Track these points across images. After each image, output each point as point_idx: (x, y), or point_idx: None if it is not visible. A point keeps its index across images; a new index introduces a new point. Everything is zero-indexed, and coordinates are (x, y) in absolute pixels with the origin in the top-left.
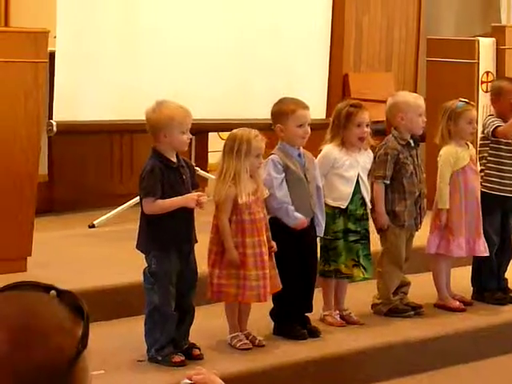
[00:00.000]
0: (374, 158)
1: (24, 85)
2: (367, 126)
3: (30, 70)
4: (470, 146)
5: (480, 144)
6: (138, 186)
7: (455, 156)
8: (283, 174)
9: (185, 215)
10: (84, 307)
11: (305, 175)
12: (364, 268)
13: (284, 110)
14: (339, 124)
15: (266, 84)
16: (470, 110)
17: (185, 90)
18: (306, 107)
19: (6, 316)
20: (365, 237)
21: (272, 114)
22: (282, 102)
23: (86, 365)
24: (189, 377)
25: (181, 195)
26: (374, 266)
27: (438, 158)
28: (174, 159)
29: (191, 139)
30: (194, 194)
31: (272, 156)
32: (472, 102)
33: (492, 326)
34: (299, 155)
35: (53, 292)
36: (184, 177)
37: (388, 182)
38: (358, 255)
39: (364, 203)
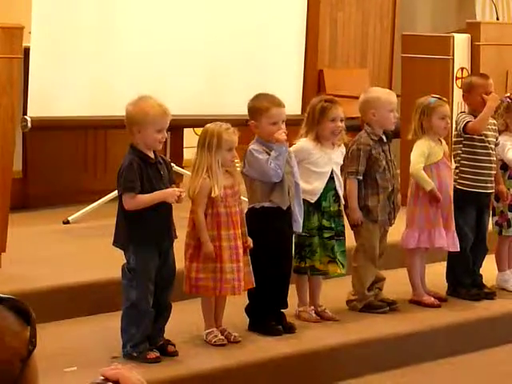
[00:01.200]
0: (347, 153)
1: None
2: (341, 121)
3: (4, 65)
4: (443, 142)
5: (454, 141)
6: (117, 182)
7: (429, 149)
8: (267, 156)
9: (164, 211)
10: (29, 310)
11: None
12: (341, 264)
13: (258, 108)
14: (313, 119)
15: (241, 80)
16: (443, 106)
17: (159, 86)
18: (280, 105)
19: None
20: (340, 233)
21: (248, 110)
22: (257, 98)
23: (36, 364)
24: (103, 373)
25: (158, 191)
26: (349, 262)
27: (412, 152)
28: (152, 155)
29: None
30: (173, 189)
31: (252, 146)
32: (444, 98)
33: (467, 322)
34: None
35: None
36: (162, 173)
37: (361, 177)
38: (334, 251)
39: (337, 200)
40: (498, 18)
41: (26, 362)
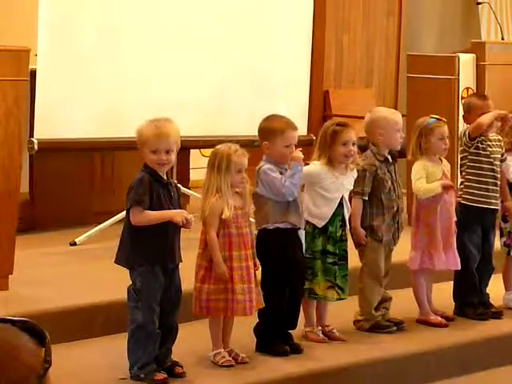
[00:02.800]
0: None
1: (5, 103)
2: (353, 144)
3: (11, 87)
4: (444, 161)
5: (460, 157)
6: (126, 197)
7: (426, 170)
8: (279, 174)
9: (172, 231)
10: (43, 331)
11: None
12: (341, 289)
13: (273, 129)
14: (325, 143)
15: (247, 100)
16: (441, 127)
17: (166, 108)
18: (295, 128)
19: None
20: (343, 257)
21: (260, 131)
22: (271, 119)
23: (51, 382)
24: None
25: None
26: (354, 283)
27: (411, 175)
28: (164, 176)
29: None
30: (183, 211)
31: (264, 166)
32: (444, 119)
33: (474, 341)
34: (285, 169)
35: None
36: (172, 194)
37: (367, 198)
38: (335, 276)
39: (343, 225)
40: (503, 38)
41: (42, 380)
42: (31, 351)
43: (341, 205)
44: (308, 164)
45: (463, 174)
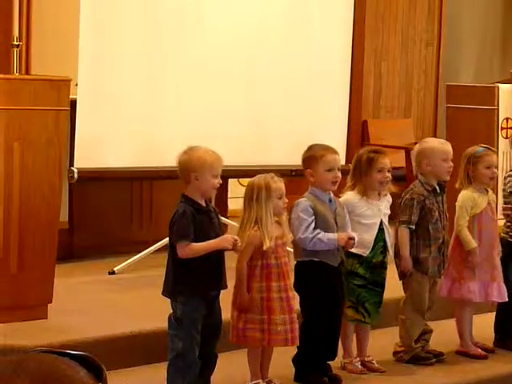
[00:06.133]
0: (400, 202)
1: (46, 132)
2: (388, 171)
3: (51, 117)
4: (490, 191)
5: (503, 195)
6: (169, 231)
7: (473, 201)
8: (313, 217)
9: (214, 260)
10: (101, 366)
11: (335, 221)
12: (368, 313)
13: (313, 155)
14: (360, 170)
15: (286, 130)
16: (489, 155)
17: (204, 138)
18: (335, 152)
19: (39, 374)
20: (379, 284)
21: (303, 161)
22: (311, 148)
23: None
24: None
25: (211, 239)
26: (393, 314)
27: (456, 203)
28: (204, 204)
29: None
30: (228, 236)
31: (302, 199)
32: (493, 148)
33: None
34: (330, 200)
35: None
36: (214, 221)
37: (413, 227)
38: (359, 299)
39: (384, 251)
40: None
41: None
42: None
43: (381, 230)
44: (340, 197)
45: (507, 212)
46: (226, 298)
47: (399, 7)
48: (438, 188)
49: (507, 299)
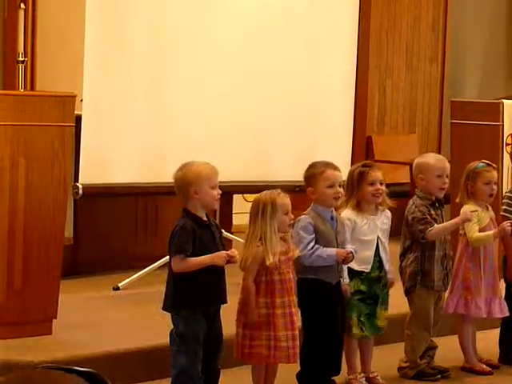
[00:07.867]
0: (407, 218)
1: (50, 148)
2: (381, 184)
3: (56, 133)
4: (490, 208)
5: (503, 209)
6: (168, 244)
7: (476, 216)
8: (313, 235)
9: (213, 274)
10: (106, 381)
11: (336, 238)
12: (364, 326)
13: (313, 173)
14: (352, 185)
15: (290, 146)
16: (489, 171)
17: (209, 154)
18: (335, 168)
19: None
20: (373, 297)
21: (304, 179)
22: (312, 165)
23: None
24: None
25: (212, 253)
26: (397, 329)
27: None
28: (205, 218)
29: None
30: (222, 252)
31: (303, 216)
32: (494, 165)
33: None
34: (332, 218)
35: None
36: (215, 235)
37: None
38: (358, 314)
39: (381, 266)
40: None
41: None
42: None
43: (377, 246)
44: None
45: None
46: (226, 313)
47: (403, 23)
48: (436, 203)
49: (508, 314)
